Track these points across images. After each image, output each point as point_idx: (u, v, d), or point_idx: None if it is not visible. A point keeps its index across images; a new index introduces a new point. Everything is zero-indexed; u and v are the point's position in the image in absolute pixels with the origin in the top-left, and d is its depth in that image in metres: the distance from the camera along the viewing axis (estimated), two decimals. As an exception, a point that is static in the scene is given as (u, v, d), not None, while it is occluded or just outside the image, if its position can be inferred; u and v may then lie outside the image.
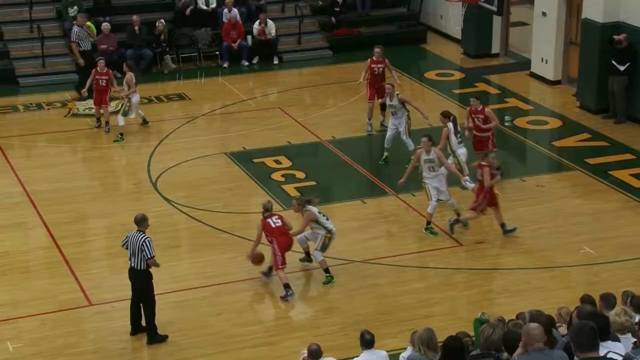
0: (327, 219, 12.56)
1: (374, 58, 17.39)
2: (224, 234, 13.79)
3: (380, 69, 17.33)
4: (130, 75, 17.44)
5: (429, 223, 13.62)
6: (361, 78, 17.05)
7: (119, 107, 17.72)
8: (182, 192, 15.19)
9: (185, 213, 14.42)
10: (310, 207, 12.46)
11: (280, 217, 12.45)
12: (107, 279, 12.74)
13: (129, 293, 11.41)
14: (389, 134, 16.03)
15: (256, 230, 12.38)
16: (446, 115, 14.71)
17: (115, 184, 15.75)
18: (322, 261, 12.49)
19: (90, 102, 18.22)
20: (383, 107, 17.11)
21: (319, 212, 12.52)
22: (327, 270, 12.50)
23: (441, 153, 13.72)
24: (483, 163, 13.30)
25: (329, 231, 12.46)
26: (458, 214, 13.67)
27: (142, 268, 11.01)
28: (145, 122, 17.83)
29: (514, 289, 12.16)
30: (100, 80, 17.40)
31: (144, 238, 10.94)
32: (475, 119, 15.03)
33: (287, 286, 12.08)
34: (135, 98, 17.48)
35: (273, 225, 12.25)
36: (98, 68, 17.44)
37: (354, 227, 13.95)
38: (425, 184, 13.69)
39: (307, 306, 12.24)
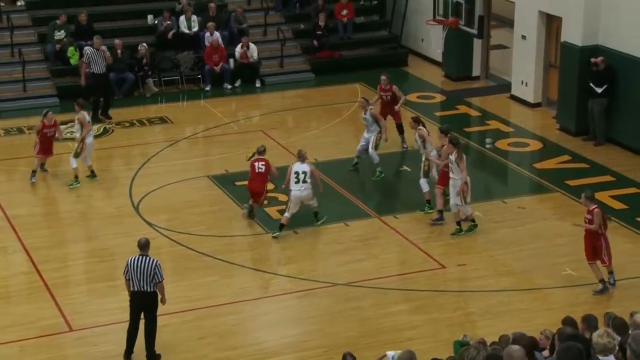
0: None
1: (382, 86, 17.48)
2: (206, 257, 13.76)
3: (388, 96, 17.45)
4: (82, 115, 16.29)
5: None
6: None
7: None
8: (164, 215, 15.16)
9: (167, 237, 14.37)
10: None
11: (266, 162, 14.18)
12: (87, 304, 12.66)
13: (110, 318, 11.36)
14: (359, 145, 16.47)
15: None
16: (416, 121, 15.25)
17: (97, 207, 15.69)
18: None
19: (70, 126, 18.14)
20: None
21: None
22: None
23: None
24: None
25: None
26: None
27: (151, 290, 10.99)
28: (93, 175, 16.49)
29: (496, 310, 12.20)
30: (47, 132, 16.34)
31: (155, 262, 10.98)
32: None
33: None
34: (90, 139, 16.29)
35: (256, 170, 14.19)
36: (45, 120, 16.34)
37: (338, 250, 13.97)
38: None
39: (290, 329, 12.21)
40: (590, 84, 17.32)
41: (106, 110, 19.67)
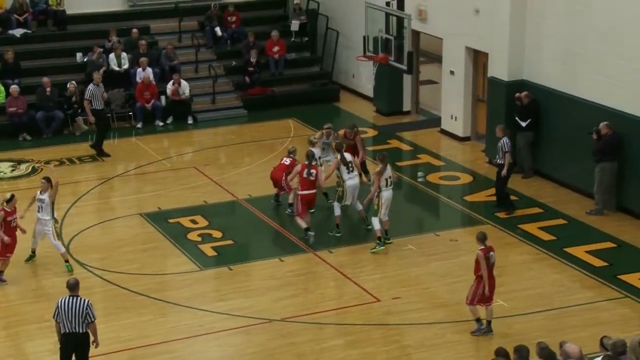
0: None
1: (346, 133, 17.18)
2: (139, 297, 13.62)
3: (351, 143, 17.06)
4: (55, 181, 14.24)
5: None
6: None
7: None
8: (96, 254, 14.98)
9: (99, 276, 14.20)
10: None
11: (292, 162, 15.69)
12: (17, 347, 12.38)
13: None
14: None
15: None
16: (338, 149, 15.69)
17: (27, 248, 15.40)
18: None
19: (9, 166, 17.78)
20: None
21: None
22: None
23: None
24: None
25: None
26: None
27: (83, 331, 10.81)
28: (32, 255, 14.63)
29: (430, 343, 12.34)
30: (11, 222, 13.93)
31: (87, 301, 10.81)
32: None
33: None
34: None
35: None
36: (7, 207, 13.85)
37: (273, 286, 13.98)
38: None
39: (226, 367, 12.16)
40: (516, 118, 17.79)
41: (100, 146, 19.62)
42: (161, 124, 21.67)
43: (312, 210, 15.90)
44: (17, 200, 14.09)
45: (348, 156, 15.67)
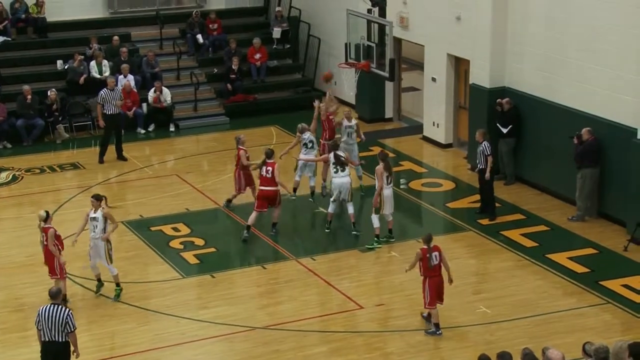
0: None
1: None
2: (122, 305, 13.57)
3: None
4: (107, 209, 13.75)
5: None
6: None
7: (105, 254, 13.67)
8: (78, 262, 14.89)
9: (80, 284, 14.13)
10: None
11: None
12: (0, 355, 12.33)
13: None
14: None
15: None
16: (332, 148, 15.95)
17: (8, 256, 15.33)
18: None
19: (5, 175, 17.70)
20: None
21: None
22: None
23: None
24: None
25: None
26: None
27: (63, 340, 10.74)
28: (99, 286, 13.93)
29: (414, 350, 12.36)
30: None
31: (67, 311, 10.75)
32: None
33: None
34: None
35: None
36: (49, 224, 13.24)
37: (256, 293, 13.97)
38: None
39: (209, 376, 12.14)
40: (497, 124, 17.87)
41: (120, 151, 19.59)
42: (143, 131, 21.63)
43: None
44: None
45: (342, 153, 15.88)
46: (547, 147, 17.41)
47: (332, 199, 15.80)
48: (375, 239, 15.10)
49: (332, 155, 15.76)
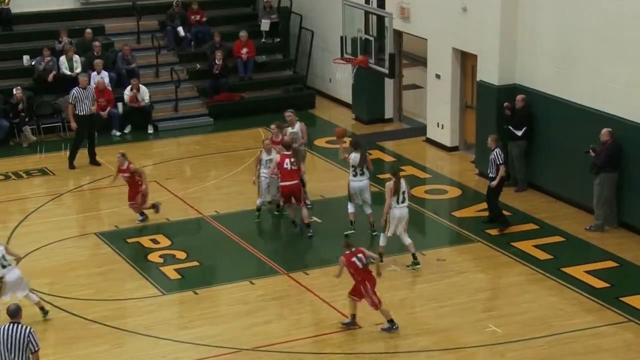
0: None
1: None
2: (94, 325, 13.57)
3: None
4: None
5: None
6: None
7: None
8: (46, 278, 14.91)
9: (49, 302, 14.13)
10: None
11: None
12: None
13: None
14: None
15: None
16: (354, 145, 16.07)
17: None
18: None
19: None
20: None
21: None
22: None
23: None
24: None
25: None
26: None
27: None
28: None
29: (417, 373, 12.41)
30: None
31: (28, 329, 10.70)
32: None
33: None
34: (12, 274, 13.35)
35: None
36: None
37: (243, 311, 13.98)
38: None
39: (191, 402, 12.14)
40: (510, 127, 17.89)
41: (92, 156, 19.69)
42: (118, 133, 21.66)
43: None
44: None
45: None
46: (561, 150, 17.47)
47: (350, 202, 16.18)
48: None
49: (352, 155, 15.98)
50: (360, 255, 13.14)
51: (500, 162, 16.21)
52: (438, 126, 20.63)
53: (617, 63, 16.28)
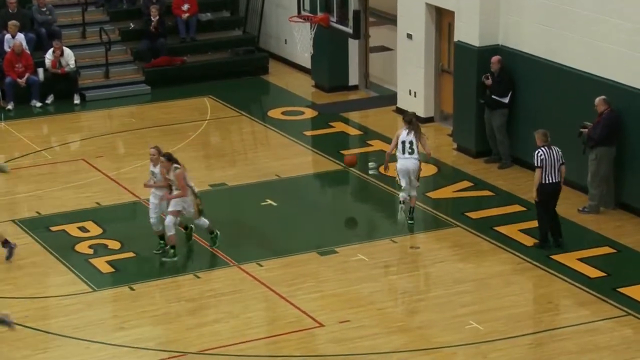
0: None
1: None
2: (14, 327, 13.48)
3: None
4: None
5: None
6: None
7: None
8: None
9: (-39, 301, 14.04)
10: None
11: None
12: None
13: None
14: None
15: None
16: (407, 121, 16.23)
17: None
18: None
19: None
20: None
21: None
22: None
23: None
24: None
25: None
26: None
27: None
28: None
29: (388, 377, 12.48)
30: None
31: None
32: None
33: None
34: None
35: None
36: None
37: (186, 309, 13.97)
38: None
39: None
40: (493, 96, 17.92)
41: None
42: (39, 104, 21.50)
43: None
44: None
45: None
46: (550, 120, 17.55)
47: (402, 187, 16.21)
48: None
49: (402, 131, 16.18)
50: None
51: (538, 164, 15.19)
52: (410, 94, 20.67)
53: (615, 20, 16.38)
